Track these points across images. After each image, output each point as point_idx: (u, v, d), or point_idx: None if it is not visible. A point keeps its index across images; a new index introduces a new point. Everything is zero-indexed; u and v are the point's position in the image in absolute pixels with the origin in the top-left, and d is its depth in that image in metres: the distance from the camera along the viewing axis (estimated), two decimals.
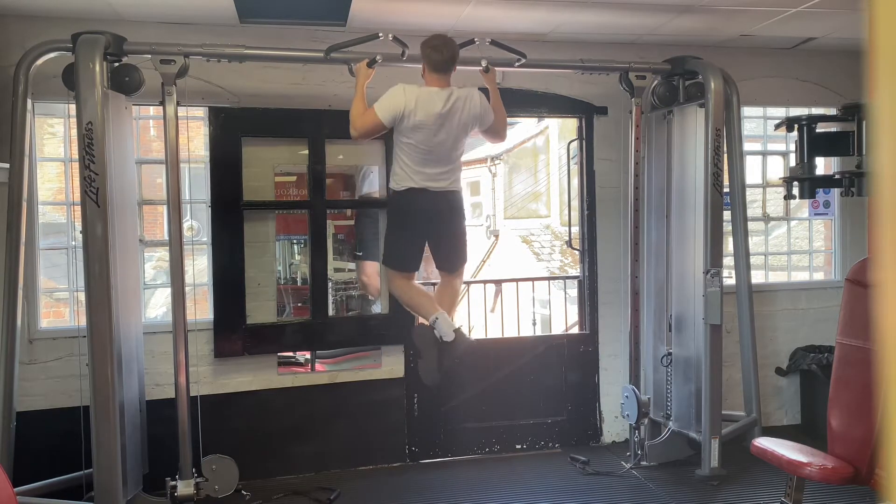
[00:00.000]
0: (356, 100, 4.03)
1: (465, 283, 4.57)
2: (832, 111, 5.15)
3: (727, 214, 4.83)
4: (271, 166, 4.73)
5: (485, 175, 13.38)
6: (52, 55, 3.94)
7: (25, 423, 4.09)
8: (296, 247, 4.87)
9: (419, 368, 4.27)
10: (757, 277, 5.48)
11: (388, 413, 4.93)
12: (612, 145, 5.26)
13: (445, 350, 4.07)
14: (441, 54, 3.97)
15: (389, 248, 4.31)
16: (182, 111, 4.11)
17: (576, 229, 5.44)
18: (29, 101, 3.95)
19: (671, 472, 4.69)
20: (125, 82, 4.01)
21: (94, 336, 3.69)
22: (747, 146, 5.49)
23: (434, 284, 4.68)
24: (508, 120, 4.58)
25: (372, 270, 4.94)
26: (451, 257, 4.32)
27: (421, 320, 4.24)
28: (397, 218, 4.26)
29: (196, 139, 4.70)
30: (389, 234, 4.36)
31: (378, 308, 4.95)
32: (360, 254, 4.94)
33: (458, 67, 4.40)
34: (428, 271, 4.94)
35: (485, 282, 10.28)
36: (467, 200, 4.43)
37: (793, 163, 4.75)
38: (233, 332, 4.61)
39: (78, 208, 3.77)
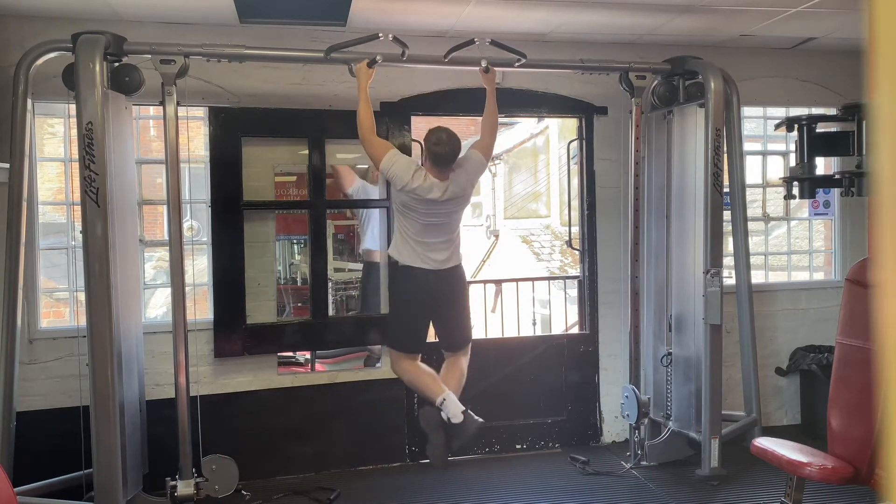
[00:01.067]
0: (362, 105, 4.06)
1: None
2: (832, 111, 5.15)
3: (727, 214, 4.83)
4: (271, 166, 4.73)
5: (485, 175, 13.35)
6: (52, 55, 3.94)
7: (25, 423, 4.09)
8: (296, 247, 4.88)
9: (427, 451, 4.23)
10: (757, 277, 5.48)
11: (388, 413, 4.93)
12: (612, 145, 5.26)
13: (453, 431, 4.05)
14: (443, 149, 4.05)
15: (394, 330, 4.34)
16: (182, 111, 4.11)
17: (576, 229, 5.43)
18: (29, 101, 3.95)
19: (671, 472, 4.69)
20: (125, 82, 4.01)
21: (94, 336, 3.69)
22: (747, 146, 5.49)
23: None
24: (509, 120, 4.59)
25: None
26: (455, 336, 4.35)
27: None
28: (401, 299, 4.30)
29: (196, 139, 4.70)
30: (393, 315, 4.42)
31: (378, 308, 4.94)
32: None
33: (458, 67, 4.43)
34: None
35: (485, 282, 10.27)
36: (466, 273, 4.45)
37: (793, 163, 4.75)
38: (233, 332, 4.61)
39: (78, 208, 3.77)
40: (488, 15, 4.40)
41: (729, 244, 5.16)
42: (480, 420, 4.07)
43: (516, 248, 12.70)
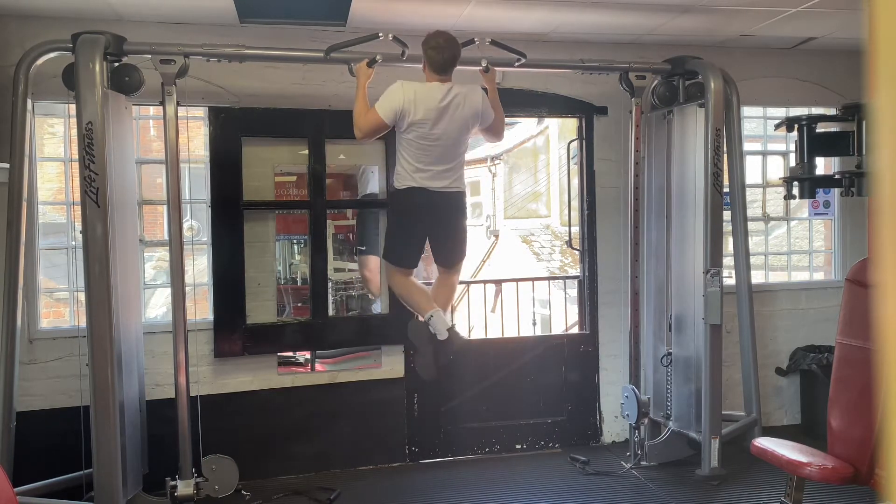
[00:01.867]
0: (358, 100, 4.04)
1: (465, 283, 4.57)
2: (832, 111, 5.15)
3: (727, 214, 4.83)
4: (271, 166, 4.73)
5: (485, 175, 13.37)
6: (52, 55, 3.94)
7: (25, 423, 4.09)
8: (296, 247, 4.88)
9: (416, 363, 4.33)
10: (757, 277, 5.48)
11: (388, 413, 4.93)
12: (612, 145, 5.26)
13: (441, 346, 4.10)
14: (442, 54, 3.98)
15: (390, 243, 4.33)
16: (182, 111, 4.11)
17: (576, 229, 5.44)
18: (29, 101, 3.95)
19: (671, 472, 4.69)
20: (125, 82, 4.01)
21: (94, 336, 3.69)
22: (747, 146, 5.50)
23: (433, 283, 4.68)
24: (508, 120, 4.59)
25: (374, 266, 4.94)
26: (450, 254, 4.33)
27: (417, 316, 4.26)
28: (398, 215, 4.28)
29: (196, 139, 4.70)
30: (390, 230, 4.38)
31: (378, 308, 4.95)
32: (364, 248, 4.94)
33: (458, 67, 4.42)
34: (428, 270, 4.94)
35: (485, 282, 10.27)
36: (468, 200, 4.42)
37: (793, 163, 4.75)
38: (233, 332, 4.61)
39: (78, 208, 3.77)
40: (488, 15, 4.40)
41: (729, 244, 5.16)
42: (465, 337, 4.17)
43: (516, 248, 12.70)
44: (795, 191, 4.64)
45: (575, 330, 5.69)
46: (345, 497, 4.42)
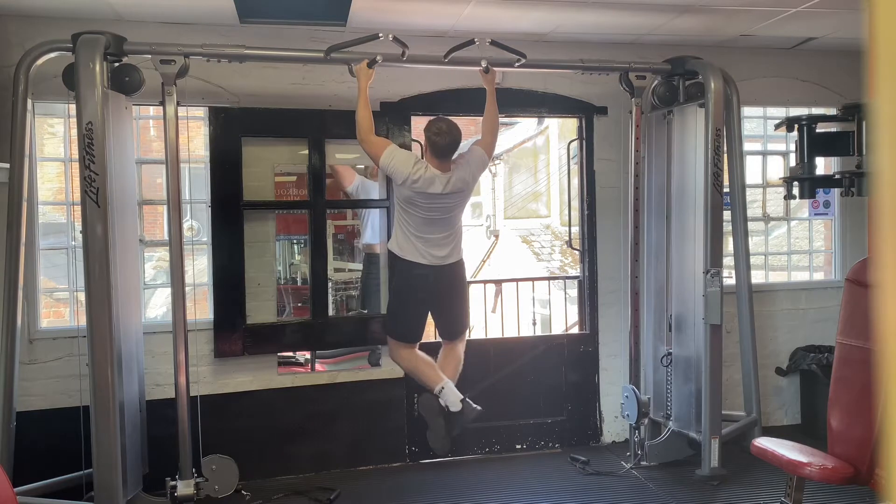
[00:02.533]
0: (360, 104, 4.07)
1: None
2: (832, 111, 5.15)
3: (727, 214, 4.82)
4: (271, 166, 4.73)
5: (485, 175, 13.34)
6: (52, 55, 3.94)
7: (25, 423, 4.09)
8: (296, 247, 4.88)
9: (428, 438, 4.32)
10: (757, 277, 5.48)
11: (388, 413, 4.93)
12: (612, 145, 5.26)
13: (453, 419, 4.09)
14: (443, 140, 4.06)
15: (392, 319, 4.37)
16: (182, 111, 4.11)
17: (576, 229, 5.44)
18: (29, 101, 3.95)
19: (671, 472, 4.69)
20: (125, 82, 4.01)
21: (94, 336, 3.69)
22: (747, 146, 5.49)
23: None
24: (508, 120, 4.59)
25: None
26: (453, 327, 4.39)
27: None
28: (400, 290, 4.33)
29: (196, 139, 4.70)
30: (392, 306, 4.43)
31: (378, 307, 4.94)
32: (366, 311, 4.95)
33: (458, 67, 4.43)
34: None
35: (485, 282, 10.27)
36: (466, 269, 4.47)
37: (793, 163, 4.76)
38: (233, 332, 4.61)
39: (78, 208, 3.77)
40: (488, 15, 4.40)
41: (729, 244, 5.16)
42: (479, 408, 4.13)
43: (516, 248, 12.69)
44: (795, 191, 4.64)
45: (575, 330, 5.69)
46: (345, 497, 4.42)
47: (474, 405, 4.11)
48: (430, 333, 4.69)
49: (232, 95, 4.61)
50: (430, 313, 4.35)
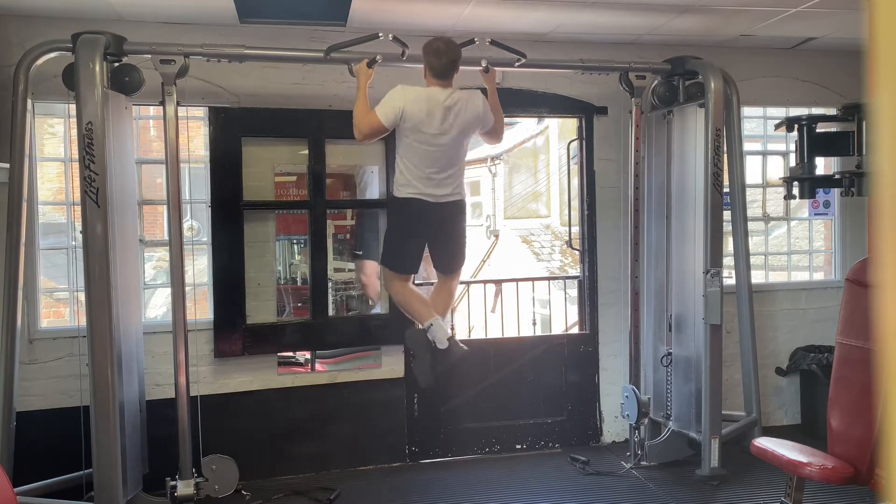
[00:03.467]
0: (358, 101, 4.03)
1: (465, 283, 4.57)
2: (832, 111, 5.15)
3: (727, 214, 4.83)
4: (271, 166, 4.73)
5: (485, 175, 13.36)
6: (52, 55, 3.94)
7: (25, 423, 4.09)
8: (296, 247, 4.88)
9: (414, 369, 4.31)
10: (757, 277, 5.48)
11: (388, 413, 4.93)
12: (612, 145, 5.26)
13: (439, 355, 4.05)
14: (441, 59, 3.97)
15: (388, 249, 4.28)
16: (182, 111, 4.11)
17: (576, 229, 5.44)
18: (29, 101, 3.95)
19: (671, 472, 4.69)
20: (125, 82, 4.01)
21: (94, 336, 3.69)
22: (747, 146, 5.49)
23: (433, 285, 4.67)
24: (508, 120, 4.58)
25: (371, 270, 4.93)
26: (450, 260, 4.31)
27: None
28: (397, 224, 4.23)
29: (196, 139, 4.70)
30: (389, 237, 4.33)
31: (378, 308, 4.95)
32: (360, 252, 4.94)
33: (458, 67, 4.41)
34: (427, 272, 4.93)
35: (485, 282, 10.27)
36: (467, 200, 4.41)
37: (793, 163, 4.76)
38: (233, 332, 4.61)
39: (78, 208, 3.77)
40: (488, 15, 4.40)
41: (729, 244, 5.16)
42: (465, 348, 4.09)
43: (516, 248, 12.70)
44: (795, 191, 4.64)
45: (575, 330, 5.69)
46: (345, 497, 4.42)
47: (462, 345, 4.07)
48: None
49: (232, 95, 4.61)
50: (426, 246, 4.25)
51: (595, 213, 5.28)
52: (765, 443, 3.40)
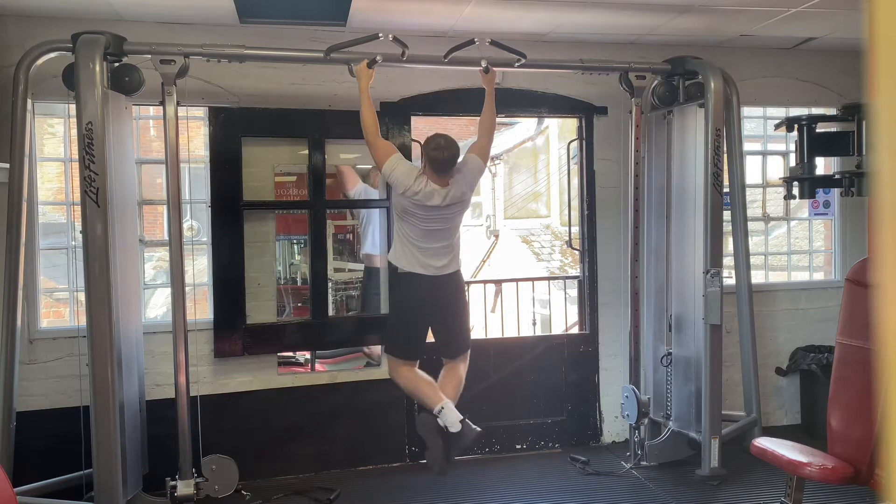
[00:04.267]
0: (364, 106, 4.06)
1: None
2: (832, 111, 5.15)
3: (727, 214, 4.82)
4: (271, 166, 4.73)
5: (485, 175, 13.35)
6: (52, 55, 3.94)
7: (25, 423, 4.09)
8: (296, 247, 4.88)
9: (426, 458, 4.17)
10: (757, 277, 5.48)
11: (388, 413, 4.93)
12: (612, 145, 5.26)
13: (451, 439, 4.00)
14: (442, 155, 4.04)
15: (392, 336, 4.32)
16: (182, 111, 4.11)
17: (576, 229, 5.44)
18: (29, 101, 3.95)
19: (671, 472, 4.69)
20: (125, 82, 4.01)
21: (94, 336, 3.69)
22: (747, 146, 5.50)
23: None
24: (508, 120, 4.58)
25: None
26: (454, 343, 4.33)
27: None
28: (399, 305, 4.30)
29: (196, 139, 4.70)
30: (392, 320, 4.40)
31: (378, 308, 4.94)
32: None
33: (458, 67, 4.42)
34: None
35: (485, 282, 10.27)
36: (465, 279, 4.44)
37: (793, 163, 4.76)
38: (233, 332, 4.61)
39: (78, 208, 3.77)
40: (488, 15, 4.40)
41: (729, 244, 5.16)
42: (478, 429, 4.03)
43: (516, 248, 12.69)
44: (795, 191, 4.64)
45: (575, 330, 5.69)
46: (345, 497, 4.42)
47: (474, 426, 4.01)
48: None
49: (232, 95, 4.61)
50: (430, 329, 4.29)
51: (595, 213, 5.28)
52: (765, 443, 3.40)
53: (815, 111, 5.47)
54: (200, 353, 4.48)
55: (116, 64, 3.99)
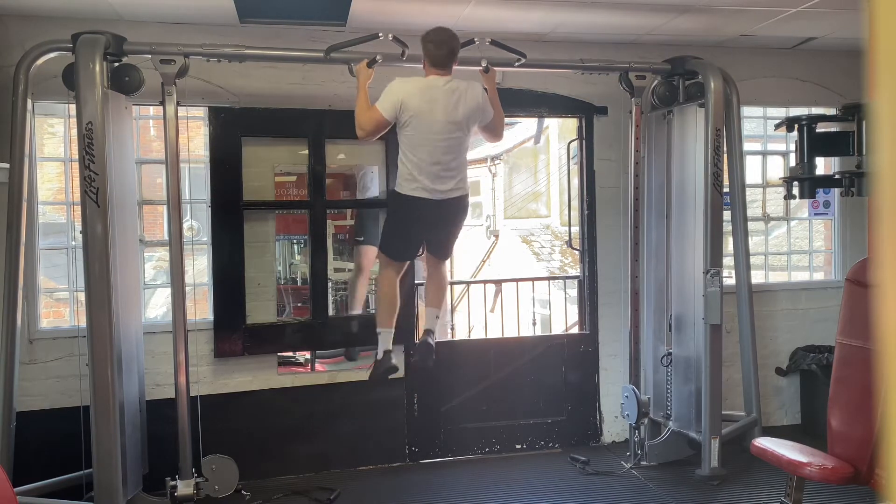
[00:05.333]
0: (359, 100, 4.01)
1: (465, 283, 4.57)
2: (832, 111, 5.15)
3: (727, 214, 4.83)
4: (271, 166, 4.73)
5: (485, 175, 13.35)
6: (52, 55, 3.94)
7: (25, 423, 4.09)
8: (296, 247, 4.88)
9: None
10: (757, 277, 5.48)
11: (388, 413, 4.93)
12: (612, 145, 5.26)
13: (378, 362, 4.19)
14: (440, 49, 3.95)
15: (387, 238, 4.25)
16: (182, 111, 4.11)
17: (576, 229, 5.44)
18: (29, 101, 3.95)
19: (671, 472, 4.69)
20: (125, 82, 4.01)
21: (94, 336, 3.69)
22: (747, 146, 5.49)
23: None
24: (508, 120, 4.57)
25: (370, 257, 4.91)
26: (445, 248, 4.34)
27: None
28: (398, 218, 4.18)
29: (196, 139, 4.70)
30: (388, 226, 4.27)
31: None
32: (362, 238, 4.95)
33: (458, 68, 4.41)
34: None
35: (485, 282, 10.27)
36: (469, 201, 4.39)
37: (793, 163, 4.76)
38: (233, 332, 4.61)
39: (78, 208, 3.77)
40: (488, 15, 4.40)
41: (729, 244, 5.16)
42: (396, 366, 4.19)
43: (516, 248, 12.69)
44: (795, 191, 4.64)
45: (575, 330, 5.69)
46: (345, 497, 4.42)
47: (392, 363, 4.15)
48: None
49: (232, 95, 4.61)
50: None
51: (595, 213, 5.29)
52: (765, 443, 3.40)
53: (815, 111, 5.47)
54: (200, 353, 4.48)
55: (116, 64, 3.99)
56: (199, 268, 5.02)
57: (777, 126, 4.80)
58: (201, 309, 4.77)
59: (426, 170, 3.95)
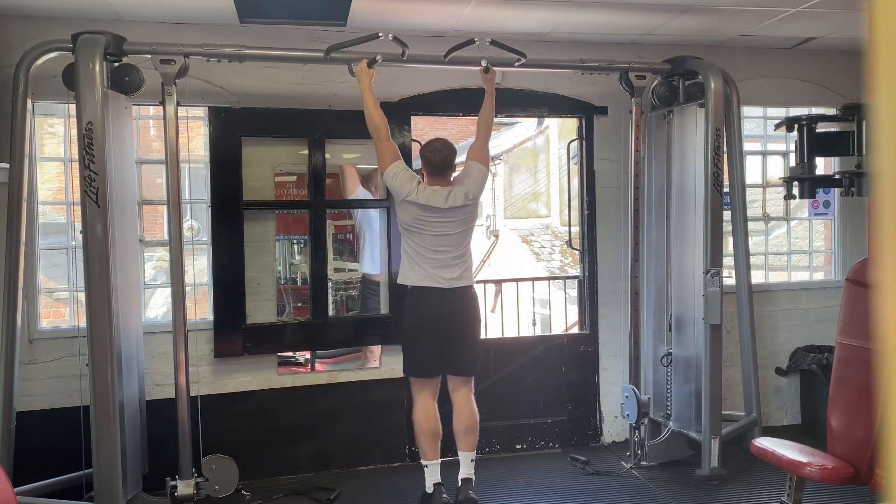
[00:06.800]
0: (367, 104, 4.06)
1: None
2: (832, 111, 5.15)
3: (727, 214, 4.83)
4: (271, 166, 4.73)
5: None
6: (52, 55, 3.94)
7: (25, 423, 4.09)
8: (296, 247, 4.88)
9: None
10: (757, 277, 5.48)
11: (388, 413, 4.93)
12: (612, 145, 5.26)
13: (426, 497, 4.17)
14: (437, 157, 4.07)
15: (409, 354, 4.24)
16: (182, 111, 4.11)
17: (576, 229, 5.44)
18: (29, 101, 3.95)
19: (671, 472, 4.69)
20: (125, 82, 4.01)
21: (94, 336, 3.68)
22: (747, 146, 5.49)
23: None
24: (509, 120, 4.59)
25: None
26: (461, 361, 4.21)
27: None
28: (413, 322, 4.17)
29: (196, 139, 4.70)
30: (406, 339, 4.28)
31: (378, 308, 4.94)
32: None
33: (458, 68, 4.43)
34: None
35: (485, 282, 10.27)
36: (478, 297, 4.42)
37: (793, 163, 4.76)
38: (233, 332, 4.61)
39: (78, 208, 3.77)
40: (488, 15, 4.40)
41: (729, 244, 5.16)
42: (449, 499, 4.12)
43: (516, 248, 12.69)
44: (795, 191, 4.65)
45: (575, 330, 5.69)
46: (345, 497, 4.42)
47: (445, 495, 4.10)
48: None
49: (232, 95, 4.61)
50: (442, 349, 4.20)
51: (595, 213, 5.29)
52: (765, 443, 3.41)
53: (815, 111, 5.47)
54: (200, 353, 4.48)
55: (116, 64, 3.99)
56: (199, 268, 5.02)
57: (777, 126, 4.80)
58: (201, 309, 4.77)
59: (431, 259, 4.07)
